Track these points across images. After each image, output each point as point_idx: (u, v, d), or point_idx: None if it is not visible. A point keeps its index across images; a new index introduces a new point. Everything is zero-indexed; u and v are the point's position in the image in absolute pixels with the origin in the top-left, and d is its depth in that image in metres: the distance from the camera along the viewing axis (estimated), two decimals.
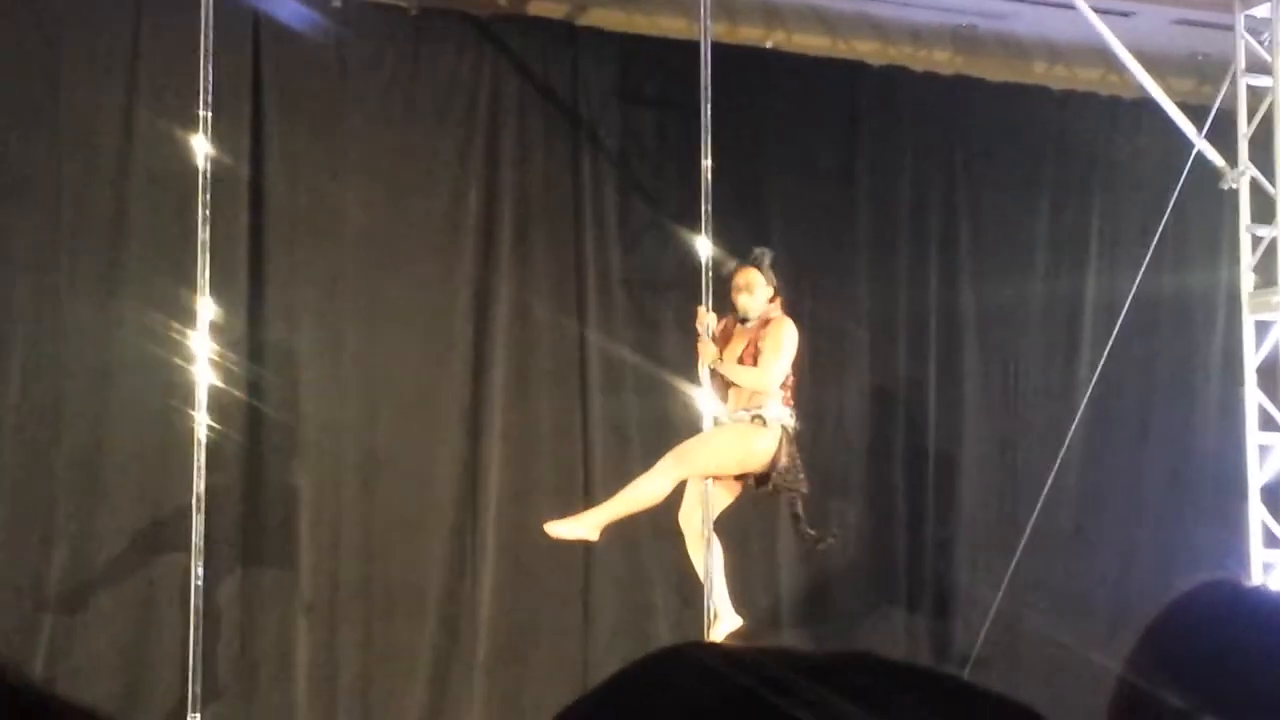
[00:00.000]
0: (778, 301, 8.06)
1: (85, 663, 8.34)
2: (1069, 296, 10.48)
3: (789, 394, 7.95)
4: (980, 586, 9.81)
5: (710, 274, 7.93)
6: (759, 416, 7.86)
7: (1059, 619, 9.69)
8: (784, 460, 7.88)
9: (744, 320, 8.01)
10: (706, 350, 7.88)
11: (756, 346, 7.89)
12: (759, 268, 8.03)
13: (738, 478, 8.01)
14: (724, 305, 8.02)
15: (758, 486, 8.00)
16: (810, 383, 9.51)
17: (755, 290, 8.01)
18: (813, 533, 8.17)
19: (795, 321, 8.05)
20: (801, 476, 7.97)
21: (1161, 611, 1.64)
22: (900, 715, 0.73)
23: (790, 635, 9.71)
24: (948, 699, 0.76)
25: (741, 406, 7.92)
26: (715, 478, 7.87)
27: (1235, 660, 1.57)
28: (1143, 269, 9.49)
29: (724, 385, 8.02)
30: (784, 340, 7.91)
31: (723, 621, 7.93)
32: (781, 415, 7.90)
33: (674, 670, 0.76)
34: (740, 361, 7.92)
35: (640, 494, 7.86)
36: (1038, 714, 0.79)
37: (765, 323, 7.95)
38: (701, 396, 8.14)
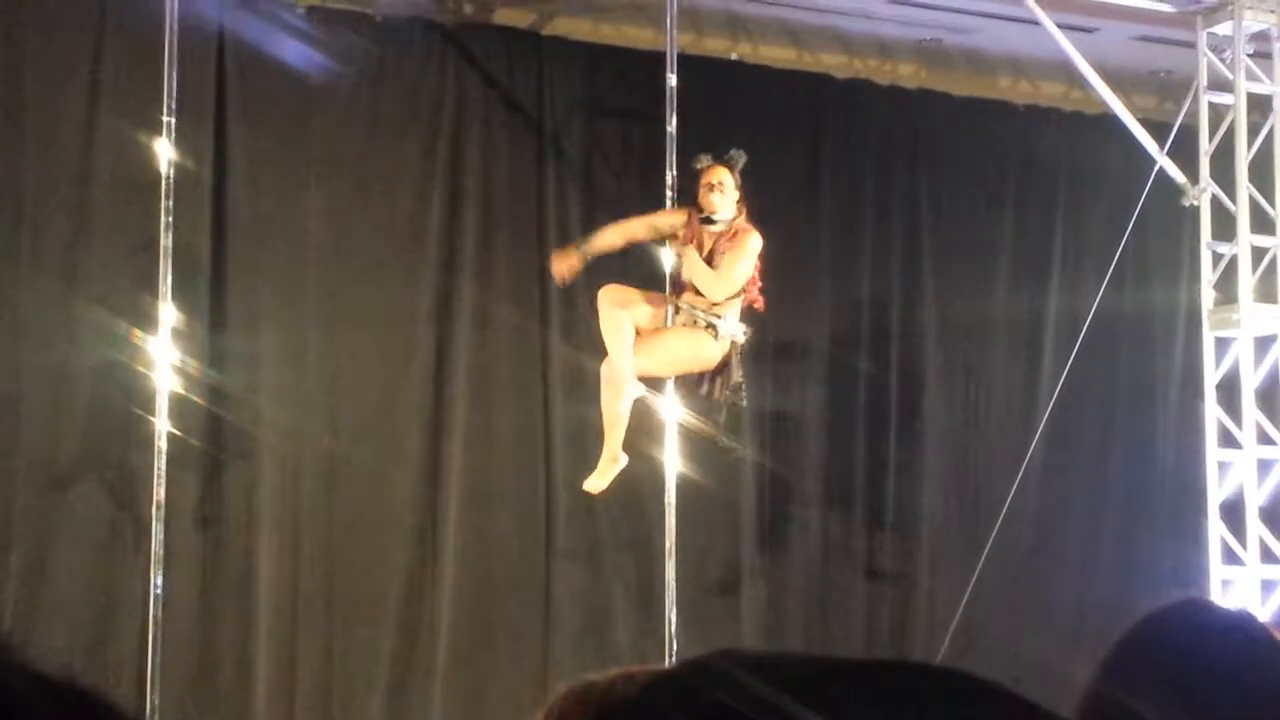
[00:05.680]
0: (743, 212, 7.86)
1: None
2: (1031, 311, 10.51)
3: (751, 298, 7.81)
4: (940, 601, 9.82)
5: (672, 284, 7.93)
6: (712, 327, 7.72)
7: (1019, 633, 9.70)
8: (735, 377, 7.79)
9: (709, 220, 7.80)
10: None
11: (718, 254, 7.73)
12: (730, 168, 7.83)
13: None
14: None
15: (700, 389, 7.92)
16: (770, 394, 9.54)
17: (726, 190, 7.77)
18: (731, 444, 8.22)
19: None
20: (744, 392, 7.91)
21: (1133, 627, 1.65)
22: None
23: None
24: (985, 706, 0.76)
25: (699, 307, 7.75)
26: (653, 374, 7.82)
27: (1204, 678, 1.57)
28: (1104, 285, 9.53)
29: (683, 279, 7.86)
30: (746, 253, 7.72)
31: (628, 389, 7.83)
32: (735, 331, 7.76)
33: (704, 681, 0.75)
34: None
35: (615, 405, 7.76)
36: None
37: (734, 234, 7.76)
38: (663, 404, 8.14)
